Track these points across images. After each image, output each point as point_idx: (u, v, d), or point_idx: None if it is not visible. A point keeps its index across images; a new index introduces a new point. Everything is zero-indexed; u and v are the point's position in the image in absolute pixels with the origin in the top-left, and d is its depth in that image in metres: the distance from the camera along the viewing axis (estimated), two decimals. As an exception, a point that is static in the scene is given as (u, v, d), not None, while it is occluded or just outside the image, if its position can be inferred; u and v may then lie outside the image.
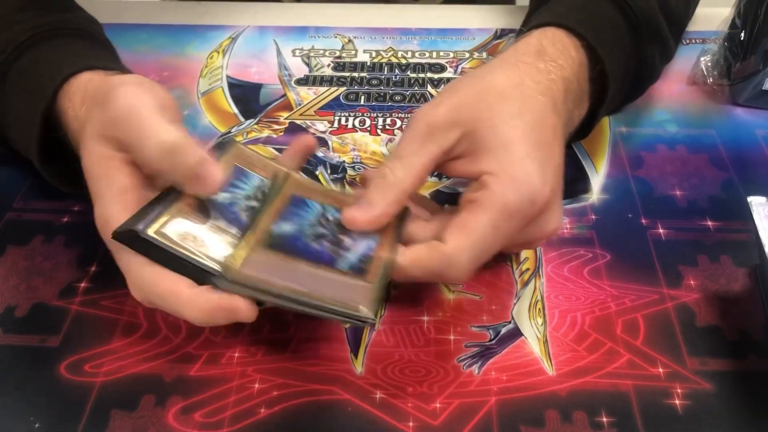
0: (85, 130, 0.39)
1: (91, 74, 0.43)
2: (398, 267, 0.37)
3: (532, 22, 0.47)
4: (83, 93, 0.42)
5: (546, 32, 0.45)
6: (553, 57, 0.43)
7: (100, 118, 0.38)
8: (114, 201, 0.37)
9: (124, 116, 0.37)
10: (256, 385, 0.38)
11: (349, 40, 0.67)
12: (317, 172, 0.52)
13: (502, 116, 0.39)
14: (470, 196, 0.38)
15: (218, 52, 0.65)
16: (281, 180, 0.42)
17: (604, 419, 0.37)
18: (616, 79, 0.46)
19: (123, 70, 0.46)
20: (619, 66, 0.46)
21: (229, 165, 0.40)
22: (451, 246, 0.37)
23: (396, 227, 0.40)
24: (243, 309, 0.35)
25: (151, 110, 0.38)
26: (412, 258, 0.37)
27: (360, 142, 0.54)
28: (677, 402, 0.37)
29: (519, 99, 0.40)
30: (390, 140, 0.55)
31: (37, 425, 0.36)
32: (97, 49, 0.49)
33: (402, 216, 0.40)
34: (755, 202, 0.42)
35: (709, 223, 0.47)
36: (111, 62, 0.46)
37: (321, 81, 0.62)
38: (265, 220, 0.38)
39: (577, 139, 0.51)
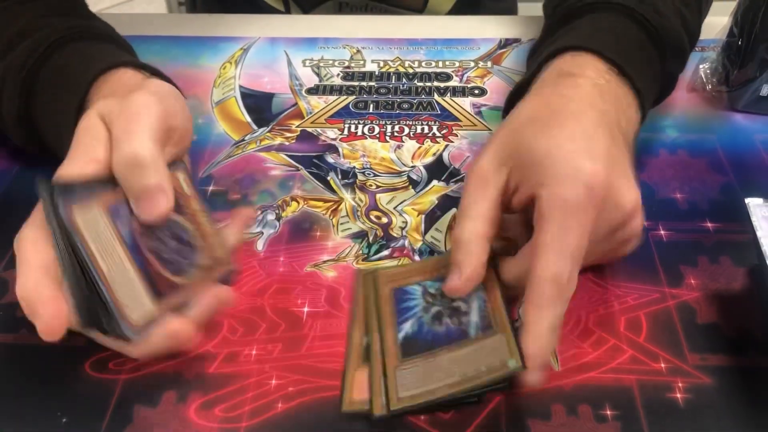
0: (96, 103, 0.41)
1: (125, 70, 0.46)
2: (535, 347, 0.37)
3: (557, 43, 0.49)
4: (116, 86, 0.45)
5: (573, 57, 0.47)
6: (581, 73, 0.45)
7: (112, 102, 0.40)
8: (79, 166, 0.37)
9: (125, 115, 0.38)
10: (273, 382, 0.40)
11: (358, 51, 0.69)
12: (328, 178, 0.53)
13: (535, 135, 0.40)
14: (535, 219, 0.39)
15: (231, 63, 0.67)
16: (371, 280, 0.44)
17: (608, 412, 0.38)
18: (647, 98, 0.48)
19: (154, 69, 0.49)
20: (650, 85, 0.49)
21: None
22: (541, 267, 0.37)
23: (494, 273, 0.42)
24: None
25: (148, 123, 0.38)
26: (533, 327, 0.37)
27: (369, 149, 0.56)
28: (679, 396, 0.39)
29: (548, 115, 0.42)
30: (398, 146, 0.56)
31: (64, 420, 0.38)
32: (124, 51, 0.52)
33: (495, 263, 0.42)
34: (753, 203, 0.43)
35: (709, 224, 0.49)
36: (140, 62, 0.49)
37: (331, 90, 0.63)
38: (389, 333, 0.41)
39: None
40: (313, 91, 0.63)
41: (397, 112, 0.61)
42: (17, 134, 0.51)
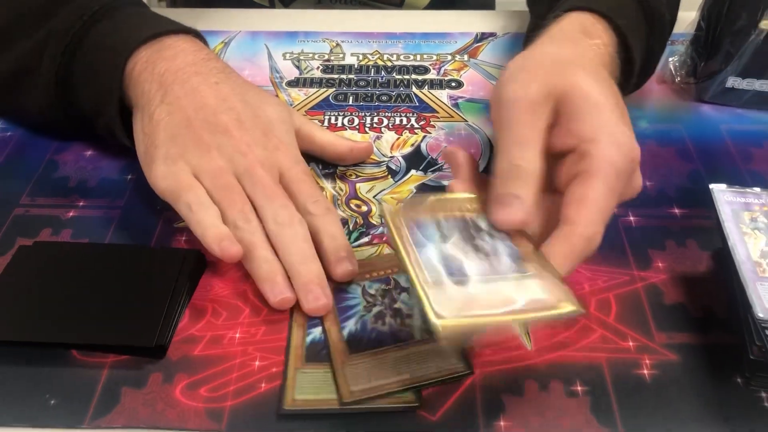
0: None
1: (175, 37, 0.52)
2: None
3: (563, 5, 0.51)
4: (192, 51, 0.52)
5: (583, 15, 0.48)
6: (598, 35, 0.47)
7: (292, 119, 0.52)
8: None
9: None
10: (257, 363, 0.41)
11: (337, 44, 0.70)
12: (309, 168, 0.54)
13: (586, 82, 0.40)
14: (576, 169, 0.38)
15: (212, 56, 0.68)
16: None
17: (579, 388, 0.40)
18: (637, 67, 0.50)
19: (196, 32, 0.55)
20: (639, 54, 0.51)
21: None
22: (583, 224, 0.37)
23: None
24: None
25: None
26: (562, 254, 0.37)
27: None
28: (646, 372, 0.40)
29: (592, 69, 0.42)
30: (377, 137, 0.58)
31: (52, 402, 0.39)
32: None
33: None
34: (716, 188, 0.45)
35: (677, 210, 0.51)
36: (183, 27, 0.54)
37: (311, 83, 0.65)
38: (332, 330, 0.42)
39: None
40: (293, 83, 0.65)
41: (376, 104, 0.62)
42: (47, 98, 0.53)
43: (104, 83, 0.51)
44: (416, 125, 0.59)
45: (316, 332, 0.43)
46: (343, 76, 0.65)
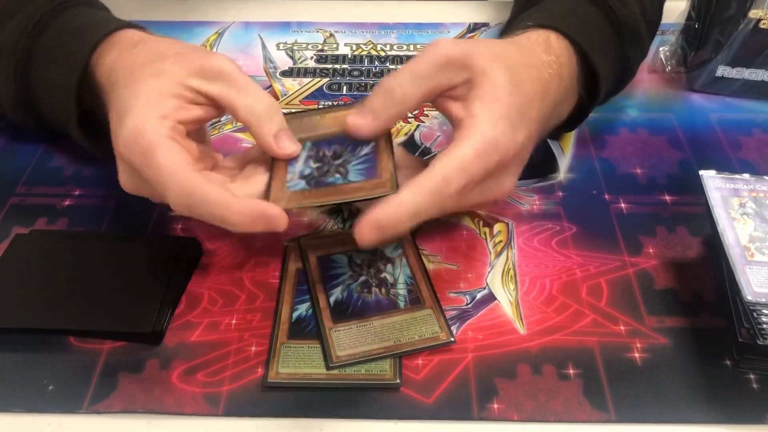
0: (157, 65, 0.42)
1: (123, 31, 0.47)
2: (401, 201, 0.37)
3: (527, 20, 0.51)
4: (131, 42, 0.46)
5: (547, 32, 0.48)
6: (557, 53, 0.47)
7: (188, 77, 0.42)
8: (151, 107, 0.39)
9: None
10: (253, 348, 0.41)
11: (331, 35, 0.71)
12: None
13: (504, 81, 0.41)
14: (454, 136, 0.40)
15: (206, 47, 0.68)
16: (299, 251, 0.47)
17: (571, 371, 0.40)
18: (605, 80, 0.50)
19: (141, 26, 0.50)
20: (607, 69, 0.50)
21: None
22: (440, 168, 0.38)
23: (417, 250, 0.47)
24: (277, 218, 0.37)
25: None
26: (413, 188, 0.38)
27: (343, 129, 0.58)
28: (636, 355, 0.41)
29: (523, 75, 0.43)
30: (371, 127, 0.58)
31: (50, 387, 0.39)
32: (104, 12, 0.53)
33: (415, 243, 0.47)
34: (706, 175, 0.46)
35: (667, 197, 0.52)
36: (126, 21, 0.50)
37: (305, 72, 0.65)
38: (320, 298, 0.43)
39: (565, 130, 0.55)
40: (287, 73, 0.65)
41: (370, 93, 0.62)
42: (17, 115, 0.52)
43: (60, 102, 0.48)
44: (410, 115, 0.60)
45: (302, 309, 0.43)
46: (337, 66, 0.66)
